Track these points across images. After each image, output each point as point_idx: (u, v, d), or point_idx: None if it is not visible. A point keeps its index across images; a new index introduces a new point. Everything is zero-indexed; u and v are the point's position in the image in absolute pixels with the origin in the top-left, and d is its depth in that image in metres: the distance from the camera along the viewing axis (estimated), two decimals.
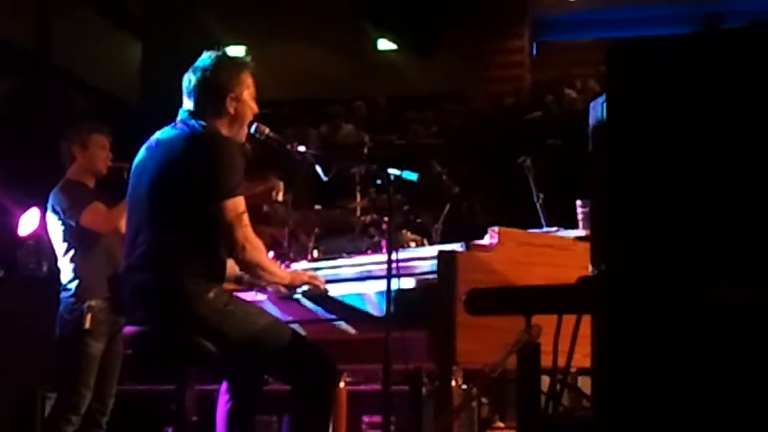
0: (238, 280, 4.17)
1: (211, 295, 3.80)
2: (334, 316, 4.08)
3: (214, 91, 3.97)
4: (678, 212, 2.32)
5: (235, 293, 4.00)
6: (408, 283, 3.83)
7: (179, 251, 3.83)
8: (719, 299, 2.22)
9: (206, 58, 4.02)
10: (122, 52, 12.12)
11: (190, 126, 3.93)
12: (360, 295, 3.99)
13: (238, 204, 3.81)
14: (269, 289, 4.16)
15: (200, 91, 3.98)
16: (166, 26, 11.37)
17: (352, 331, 4.06)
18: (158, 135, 4.00)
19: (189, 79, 4.01)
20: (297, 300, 4.13)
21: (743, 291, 2.19)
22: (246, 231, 3.82)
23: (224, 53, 4.12)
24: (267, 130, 4.22)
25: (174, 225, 3.85)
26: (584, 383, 4.18)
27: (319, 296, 4.09)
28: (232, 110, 3.98)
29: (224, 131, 3.96)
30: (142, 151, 4.03)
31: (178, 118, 3.99)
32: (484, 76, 13.05)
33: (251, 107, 4.06)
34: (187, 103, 4.00)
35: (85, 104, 10.72)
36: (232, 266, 4.09)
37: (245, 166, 3.92)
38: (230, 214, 3.79)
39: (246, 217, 3.83)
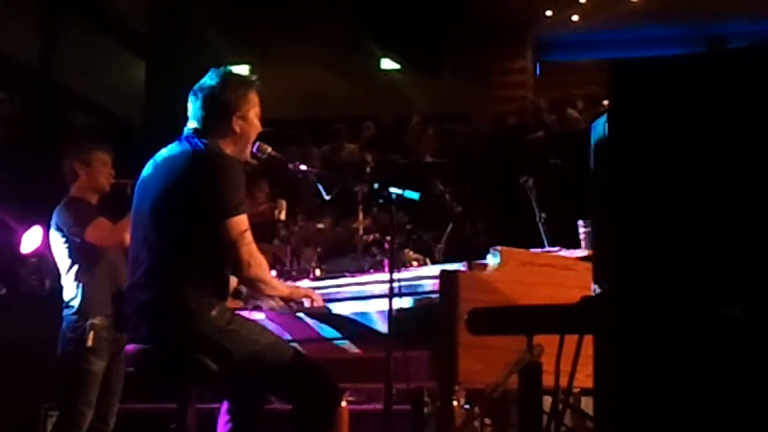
0: (236, 294, 4.17)
1: (214, 313, 3.80)
2: (335, 335, 4.08)
3: (221, 109, 3.98)
4: (680, 232, 2.32)
5: (236, 311, 4.01)
6: (410, 302, 3.83)
7: (182, 269, 3.83)
8: (721, 319, 2.22)
9: (213, 75, 4.03)
10: (126, 71, 12.14)
11: (193, 144, 3.93)
12: (362, 314, 3.99)
13: (241, 222, 3.82)
14: (267, 305, 4.17)
15: (206, 109, 3.98)
16: (170, 45, 11.36)
17: (353, 350, 4.05)
18: (163, 152, 4.01)
19: (195, 96, 4.02)
20: (298, 317, 4.13)
21: (745, 311, 2.19)
22: (251, 248, 3.83)
23: (231, 71, 4.12)
24: (269, 149, 4.23)
25: (177, 243, 3.85)
26: (587, 404, 4.19)
27: (319, 314, 4.09)
28: (237, 129, 3.98)
29: (228, 150, 3.96)
30: (147, 167, 4.04)
31: (183, 135, 3.99)
32: (487, 96, 13.06)
33: (256, 126, 4.07)
34: (192, 122, 4.01)
35: (89, 123, 10.74)
36: (231, 282, 4.10)
37: (247, 183, 3.93)
38: (234, 232, 3.80)
39: (249, 235, 3.84)
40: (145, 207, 3.94)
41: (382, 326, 3.88)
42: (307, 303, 4.08)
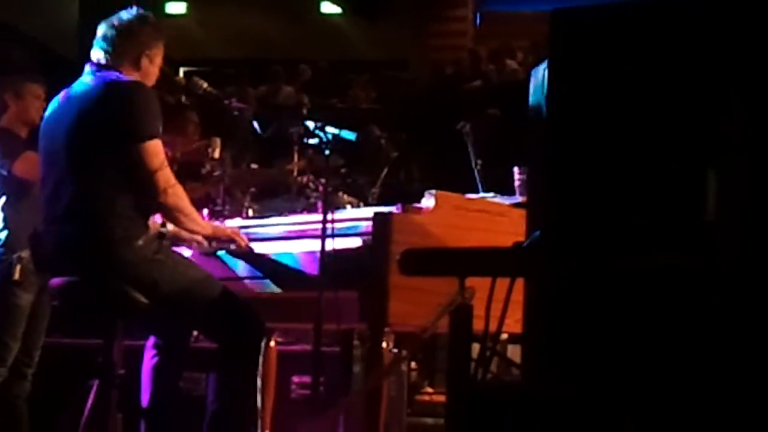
0: (160, 236, 4.12)
1: (140, 242, 3.77)
2: (265, 275, 4.07)
3: (135, 44, 3.99)
4: (615, 181, 2.32)
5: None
6: (342, 243, 3.82)
7: (103, 199, 3.79)
8: (647, 268, 2.23)
9: (133, 12, 4.09)
10: (60, 7, 11.94)
11: (104, 76, 3.92)
12: (294, 255, 3.99)
13: (157, 147, 3.81)
14: (192, 245, 4.14)
15: (120, 41, 3.99)
16: None
17: (282, 290, 4.04)
18: (70, 90, 3.99)
19: (110, 27, 4.01)
20: (221, 257, 4.12)
21: (670, 260, 2.20)
22: (167, 174, 3.81)
23: (150, 14, 4.15)
24: (204, 84, 4.21)
25: (96, 172, 3.82)
26: (513, 352, 4.22)
27: (246, 254, 4.07)
28: (143, 67, 4.00)
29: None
30: (53, 105, 4.04)
31: (87, 70, 3.97)
32: (426, 44, 13.04)
33: (155, 74, 4.09)
34: (98, 53, 3.99)
35: (23, 56, 10.54)
36: (153, 224, 4.06)
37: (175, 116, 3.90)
38: (150, 156, 3.77)
39: (166, 161, 3.82)
40: (58, 142, 3.90)
41: (312, 267, 3.88)
42: (232, 246, 4.07)
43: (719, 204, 2.22)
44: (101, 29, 4.01)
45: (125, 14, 4.02)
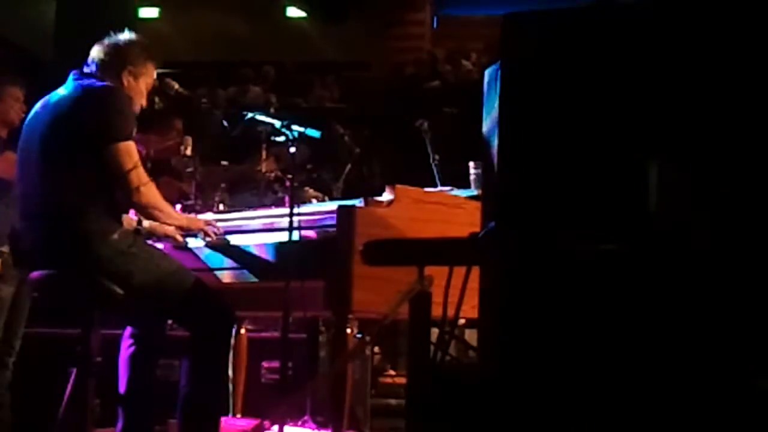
0: (135, 232, 4.11)
1: (115, 236, 3.76)
2: (235, 265, 4.06)
3: (117, 57, 3.99)
4: (562, 176, 2.34)
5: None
6: (308, 235, 3.81)
7: (77, 196, 3.78)
8: (597, 254, 2.25)
9: (125, 32, 4.07)
10: (37, 9, 11.82)
11: (83, 82, 3.91)
12: (262, 246, 3.98)
13: (130, 147, 3.79)
14: (166, 239, 4.14)
15: (106, 55, 3.99)
16: None
17: (252, 280, 4.04)
18: (51, 95, 3.97)
19: (101, 45, 4.03)
20: (192, 250, 4.11)
21: (619, 246, 2.23)
22: (140, 173, 3.80)
23: (142, 37, 4.14)
24: (176, 86, 4.21)
25: (69, 171, 3.80)
26: (470, 336, 4.24)
27: (220, 246, 4.06)
28: (125, 82, 3.99)
29: None
30: (34, 110, 4.02)
31: (70, 77, 3.96)
32: (387, 46, 13.03)
33: (141, 93, 4.07)
34: (86, 67, 3.99)
35: (0, 57, 10.43)
36: (129, 221, 4.05)
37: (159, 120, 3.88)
38: (124, 156, 3.76)
39: (139, 161, 3.81)
40: (34, 143, 3.89)
41: (279, 258, 3.88)
42: (204, 236, 4.07)
43: (660, 195, 2.24)
44: (95, 48, 4.02)
45: (120, 35, 4.04)
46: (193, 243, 4.18)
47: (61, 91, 3.93)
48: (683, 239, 2.23)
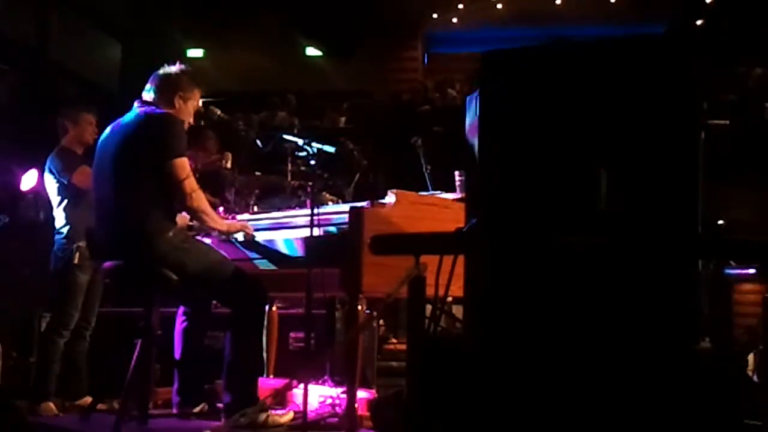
0: (188, 229, 4.13)
1: (171, 234, 3.77)
2: (268, 256, 4.06)
3: (170, 85, 3.99)
4: (531, 181, 2.34)
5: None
6: (326, 231, 3.81)
7: (141, 202, 3.79)
8: (557, 245, 2.25)
9: (175, 64, 4.04)
10: (106, 50, 11.81)
11: (145, 109, 3.92)
12: (289, 240, 3.97)
13: (184, 162, 3.80)
14: (213, 234, 4.14)
15: (160, 84, 3.99)
16: (141, 31, 11.10)
17: (281, 268, 4.03)
18: (120, 120, 3.98)
19: (155, 76, 4.02)
20: (234, 243, 4.10)
21: (582, 240, 2.23)
22: (192, 183, 3.81)
23: (189, 68, 4.11)
24: (218, 112, 4.20)
25: (135, 182, 3.81)
26: (457, 311, 4.23)
27: (252, 242, 4.08)
28: (177, 105, 3.98)
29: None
30: (105, 133, 4.02)
31: (135, 105, 3.97)
32: (387, 78, 13.03)
33: (189, 113, 4.07)
34: (146, 95, 4.00)
35: (76, 91, 10.44)
36: (183, 219, 4.05)
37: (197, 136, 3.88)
38: (179, 169, 3.77)
39: (191, 173, 3.83)
40: (107, 159, 3.90)
41: (302, 250, 3.87)
42: (240, 237, 4.07)
43: (609, 196, 2.24)
44: (152, 77, 4.01)
45: (171, 67, 4.03)
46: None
47: (128, 117, 3.93)
48: (628, 232, 2.23)
